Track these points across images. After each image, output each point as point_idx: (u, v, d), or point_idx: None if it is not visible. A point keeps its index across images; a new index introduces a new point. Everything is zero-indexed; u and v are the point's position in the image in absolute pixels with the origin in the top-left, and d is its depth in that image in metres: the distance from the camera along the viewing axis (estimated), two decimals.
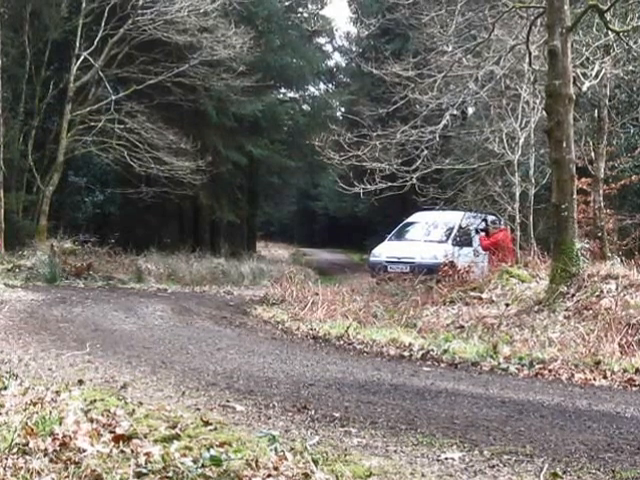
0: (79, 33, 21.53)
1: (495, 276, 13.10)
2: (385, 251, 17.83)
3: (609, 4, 12.12)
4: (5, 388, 4.82)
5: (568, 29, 10.89)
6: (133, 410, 4.47)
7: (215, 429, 4.13)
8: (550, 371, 7.57)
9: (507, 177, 16.40)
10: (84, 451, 3.43)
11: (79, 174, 27.03)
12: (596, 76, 14.50)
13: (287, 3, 31.06)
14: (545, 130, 11.89)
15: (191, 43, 21.65)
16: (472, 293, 12.62)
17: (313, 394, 5.76)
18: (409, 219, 19.61)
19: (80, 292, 15.40)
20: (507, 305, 11.22)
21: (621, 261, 11.55)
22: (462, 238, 17.95)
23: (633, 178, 18.23)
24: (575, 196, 11.00)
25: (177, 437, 3.87)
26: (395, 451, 4.02)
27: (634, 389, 6.77)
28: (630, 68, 15.88)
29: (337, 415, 4.89)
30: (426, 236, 18.32)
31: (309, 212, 53.15)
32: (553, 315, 9.91)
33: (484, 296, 12.32)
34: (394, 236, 18.90)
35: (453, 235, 18.03)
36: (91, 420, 4.05)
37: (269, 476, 3.24)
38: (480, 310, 11.45)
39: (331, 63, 38.46)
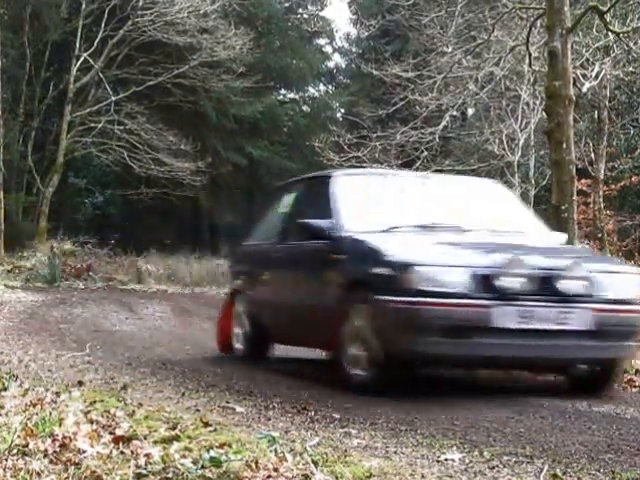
0: (79, 34, 21.55)
1: None
2: None
3: (609, 5, 12.13)
4: (5, 389, 4.82)
5: (568, 30, 10.87)
6: (133, 411, 4.46)
7: (215, 430, 4.12)
8: None
9: (507, 178, 16.41)
10: (84, 452, 3.43)
11: (79, 175, 27.08)
12: (596, 77, 14.52)
13: (287, 4, 31.08)
14: (545, 131, 11.87)
15: (191, 44, 21.67)
16: None
17: (313, 395, 5.76)
18: None
19: (80, 293, 15.40)
20: None
21: None
22: None
23: (633, 179, 18.24)
24: (575, 197, 10.97)
25: (177, 438, 3.86)
26: (395, 452, 4.01)
27: (634, 390, 6.76)
28: (630, 69, 15.90)
29: (337, 416, 4.88)
30: None
31: None
32: None
33: None
34: None
35: None
36: (91, 421, 4.04)
37: (269, 477, 3.23)
38: None
39: (331, 64, 38.35)
